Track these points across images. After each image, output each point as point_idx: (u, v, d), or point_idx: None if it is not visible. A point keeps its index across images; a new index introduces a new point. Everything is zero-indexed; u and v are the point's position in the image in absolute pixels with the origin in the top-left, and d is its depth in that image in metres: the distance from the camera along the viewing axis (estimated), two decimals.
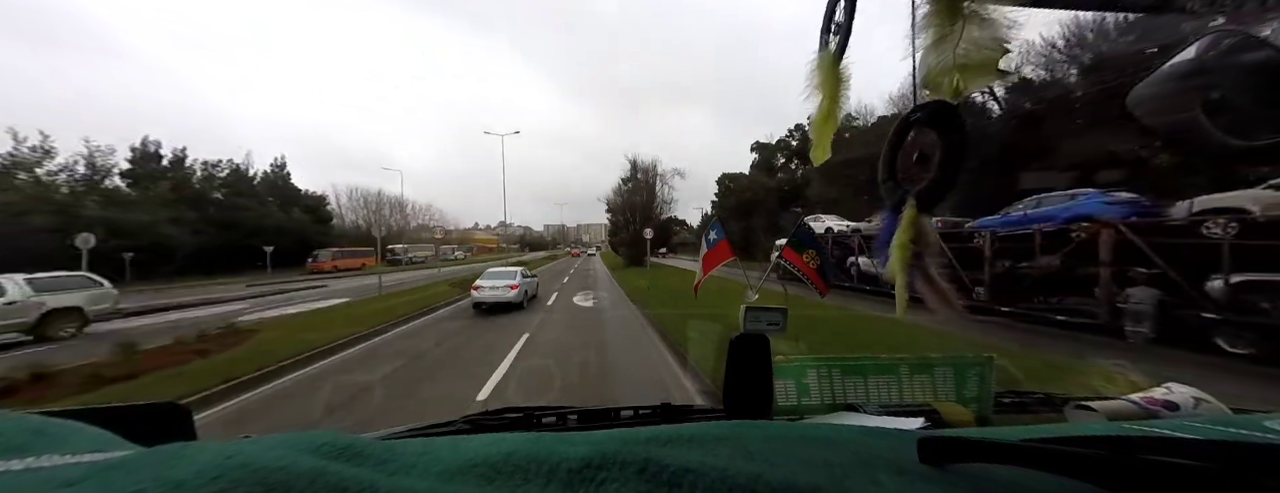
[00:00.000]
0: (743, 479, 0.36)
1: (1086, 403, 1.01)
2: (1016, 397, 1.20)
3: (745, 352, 0.85)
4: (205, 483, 0.30)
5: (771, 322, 1.36)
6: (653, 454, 0.39)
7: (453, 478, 0.38)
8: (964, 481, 0.43)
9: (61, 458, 0.37)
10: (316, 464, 0.33)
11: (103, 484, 0.31)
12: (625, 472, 0.38)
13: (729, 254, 2.69)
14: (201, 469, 0.31)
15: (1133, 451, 0.43)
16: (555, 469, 0.38)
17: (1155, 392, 1.02)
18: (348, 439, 0.41)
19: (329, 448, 0.39)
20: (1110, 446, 0.46)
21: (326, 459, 0.36)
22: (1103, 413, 0.96)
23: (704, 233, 2.92)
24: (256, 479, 0.30)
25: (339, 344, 7.92)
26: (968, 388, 1.11)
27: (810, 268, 2.23)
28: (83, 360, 6.34)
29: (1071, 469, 0.38)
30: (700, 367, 5.75)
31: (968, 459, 0.45)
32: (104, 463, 0.35)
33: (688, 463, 0.38)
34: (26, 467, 0.35)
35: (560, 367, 6.38)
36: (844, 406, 1.11)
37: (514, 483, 0.37)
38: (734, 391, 0.86)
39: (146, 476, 0.31)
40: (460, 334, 9.21)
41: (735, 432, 0.52)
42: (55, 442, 0.39)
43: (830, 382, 1.12)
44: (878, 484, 0.41)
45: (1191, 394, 0.99)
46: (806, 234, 2.33)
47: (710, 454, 0.43)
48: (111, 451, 0.39)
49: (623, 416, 1.12)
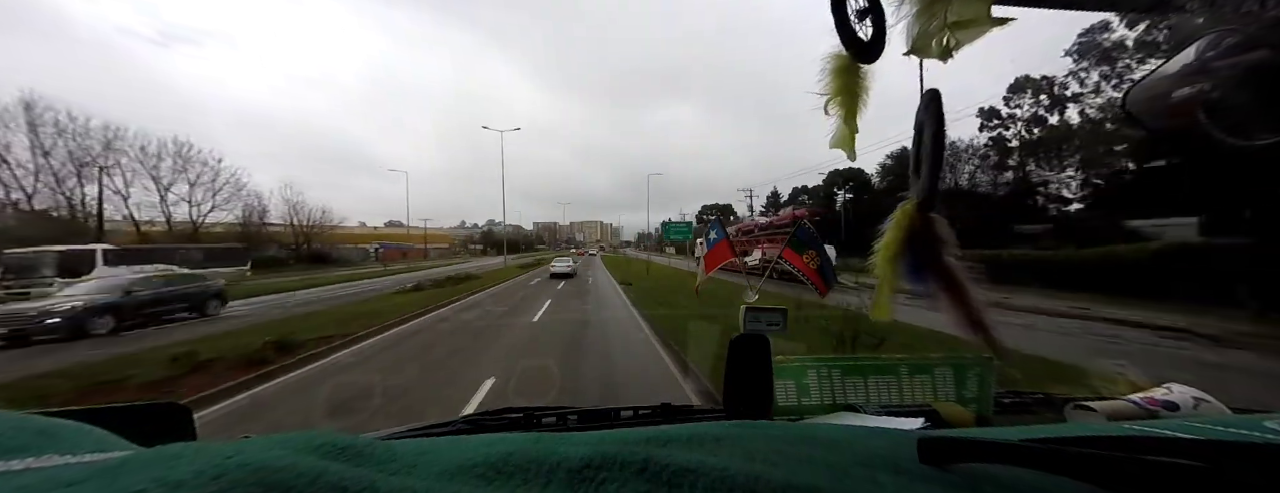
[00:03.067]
0: (743, 479, 0.36)
1: (1086, 403, 1.01)
2: (1016, 397, 1.20)
3: (745, 352, 0.85)
4: (205, 483, 0.30)
5: (771, 322, 1.36)
6: (653, 454, 0.39)
7: (452, 478, 0.38)
8: (964, 481, 0.43)
9: (62, 458, 0.37)
10: (316, 464, 0.33)
11: (103, 484, 0.31)
12: (625, 472, 0.38)
13: (729, 254, 2.69)
14: (201, 469, 0.31)
15: (1133, 451, 0.42)
16: (555, 469, 0.38)
17: (1155, 392, 1.02)
18: (348, 439, 0.41)
19: (329, 448, 0.39)
20: (1110, 446, 0.46)
21: (326, 459, 0.36)
22: (1103, 413, 0.96)
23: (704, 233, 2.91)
24: (256, 479, 0.30)
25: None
26: (967, 388, 1.11)
27: (810, 268, 2.23)
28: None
29: (1071, 469, 0.38)
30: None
31: (967, 459, 0.45)
32: (104, 463, 0.35)
33: (688, 463, 0.38)
34: (27, 467, 0.35)
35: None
36: (844, 406, 1.11)
37: (514, 483, 0.37)
38: (734, 391, 0.86)
39: (147, 476, 0.31)
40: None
41: (735, 432, 0.52)
42: (55, 442, 0.39)
43: (830, 382, 1.12)
44: (878, 484, 0.41)
45: (1191, 394, 0.99)
46: (806, 233, 2.33)
47: (710, 454, 0.43)
48: (112, 451, 0.39)
49: (623, 416, 1.12)
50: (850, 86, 0.70)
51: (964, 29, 0.55)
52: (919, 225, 0.65)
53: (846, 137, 0.75)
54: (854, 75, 0.70)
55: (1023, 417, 1.14)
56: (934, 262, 0.64)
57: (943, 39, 0.57)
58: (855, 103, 0.71)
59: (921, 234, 0.65)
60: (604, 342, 8.42)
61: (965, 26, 0.55)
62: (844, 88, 0.70)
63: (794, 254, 2.27)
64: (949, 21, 0.55)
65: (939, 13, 0.56)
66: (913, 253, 0.66)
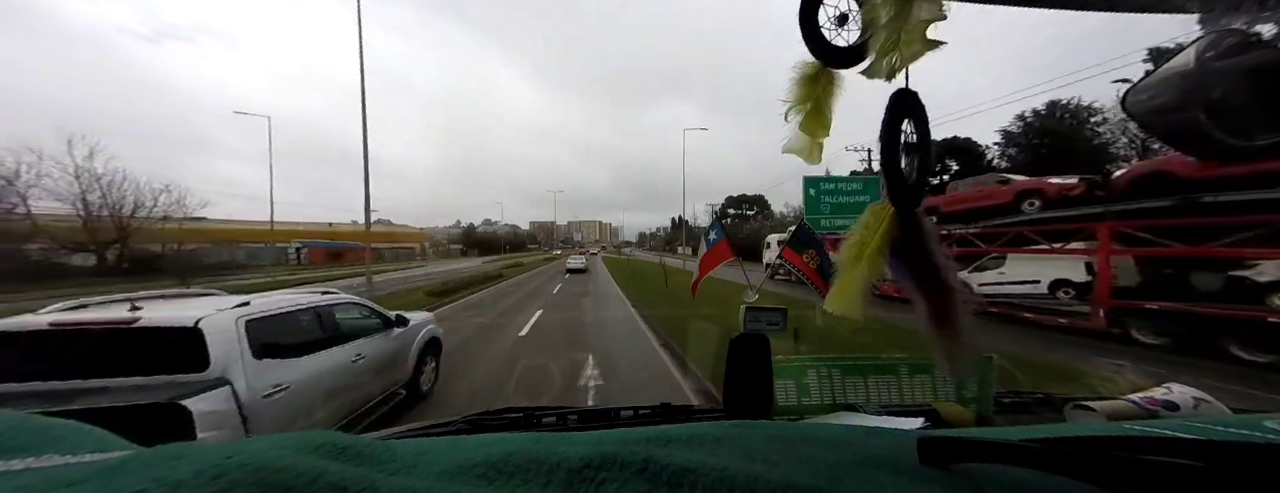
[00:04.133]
0: (743, 479, 0.36)
1: (1086, 403, 1.01)
2: (1016, 397, 1.20)
3: (745, 352, 0.85)
4: (205, 483, 0.30)
5: (771, 322, 1.36)
6: (653, 454, 0.39)
7: (453, 478, 0.38)
8: (964, 481, 0.43)
9: (62, 458, 0.37)
10: (316, 464, 0.33)
11: (103, 484, 0.31)
12: (625, 472, 0.38)
13: (729, 254, 2.69)
14: (201, 469, 0.31)
15: (1133, 451, 0.42)
16: (555, 469, 0.38)
17: (1155, 392, 1.03)
18: (348, 439, 0.41)
19: (329, 448, 0.39)
20: (1110, 446, 0.46)
21: (326, 459, 0.36)
22: (1103, 413, 0.96)
23: (704, 233, 2.92)
24: (256, 479, 0.30)
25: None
26: (968, 388, 1.12)
27: (810, 268, 2.23)
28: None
29: (1071, 469, 0.38)
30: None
31: (967, 459, 0.45)
32: (104, 463, 0.35)
33: (688, 463, 0.38)
34: (27, 467, 0.35)
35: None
36: (844, 406, 1.11)
37: (514, 483, 0.37)
38: (734, 391, 0.87)
39: (146, 476, 0.31)
40: None
41: (735, 432, 0.52)
42: (55, 442, 0.39)
43: (830, 382, 1.12)
44: (878, 484, 0.41)
45: (1191, 394, 0.99)
46: (806, 234, 2.33)
47: (710, 454, 0.43)
48: (112, 451, 0.39)
49: (623, 416, 1.12)
50: (817, 94, 0.72)
51: (905, 51, 0.61)
52: (899, 224, 0.65)
53: (806, 143, 0.75)
54: (823, 83, 0.71)
55: (1023, 417, 1.14)
56: (918, 258, 0.64)
57: (889, 60, 0.62)
58: (822, 111, 0.72)
59: (903, 233, 0.65)
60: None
61: (907, 50, 0.61)
62: (808, 95, 0.72)
63: (794, 254, 2.27)
64: (890, 43, 0.60)
65: (888, 42, 0.61)
66: (893, 252, 0.66)
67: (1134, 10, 0.57)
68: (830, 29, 0.69)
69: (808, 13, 0.67)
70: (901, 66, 0.61)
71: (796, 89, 0.71)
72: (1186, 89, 0.56)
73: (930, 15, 0.57)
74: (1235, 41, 0.52)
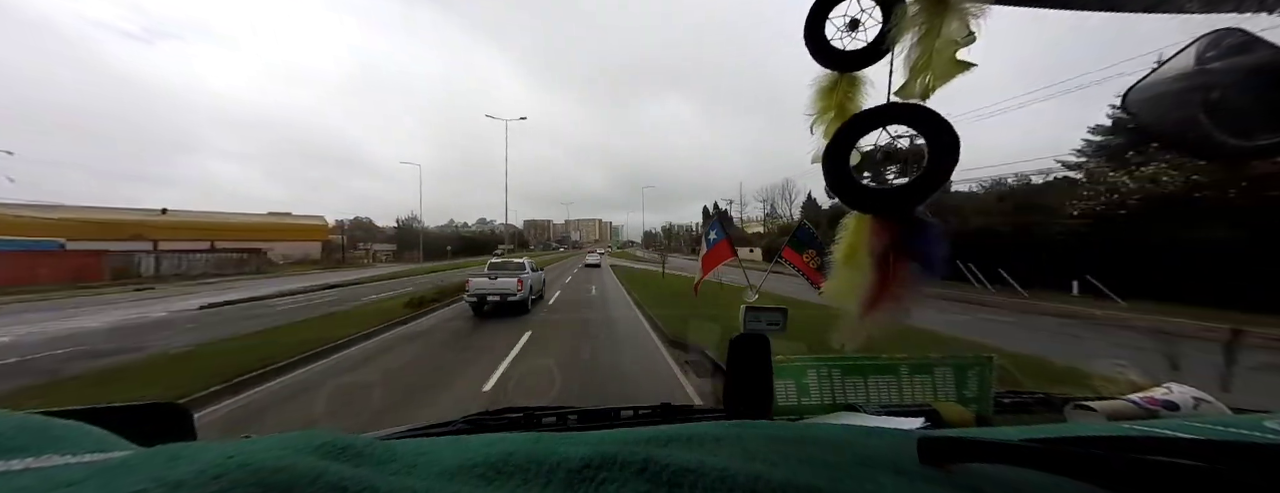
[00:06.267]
0: (743, 479, 0.36)
1: (1086, 403, 1.01)
2: (1016, 397, 1.20)
3: (745, 352, 0.85)
4: (205, 483, 0.30)
5: (771, 322, 1.36)
6: (653, 454, 0.39)
7: (453, 478, 0.38)
8: (964, 481, 0.43)
9: (62, 458, 0.37)
10: (316, 464, 0.33)
11: (103, 484, 0.31)
12: (625, 472, 0.38)
13: (729, 254, 2.69)
14: (201, 469, 0.31)
15: (1133, 451, 0.42)
16: (555, 469, 0.38)
17: (1155, 392, 1.02)
18: (348, 439, 0.41)
19: (329, 448, 0.39)
20: (1110, 446, 0.46)
21: (326, 459, 0.36)
22: (1103, 413, 0.96)
23: (704, 233, 2.92)
24: (256, 479, 0.30)
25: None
26: (968, 388, 1.11)
27: (810, 268, 2.24)
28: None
29: (1071, 469, 0.38)
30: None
31: (967, 459, 0.45)
32: (104, 463, 0.35)
33: (688, 463, 0.38)
34: (27, 467, 0.35)
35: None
36: (844, 406, 1.11)
37: (514, 483, 0.37)
38: (734, 391, 0.86)
39: (146, 476, 0.31)
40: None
41: (735, 432, 0.52)
42: (56, 442, 0.39)
43: (830, 382, 1.12)
44: (878, 484, 0.41)
45: (1191, 394, 0.99)
46: (806, 233, 2.33)
47: (710, 454, 0.43)
48: (112, 451, 0.39)
49: (623, 416, 1.12)
50: (838, 100, 0.72)
51: (938, 73, 0.62)
52: (872, 230, 0.67)
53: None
54: (842, 88, 0.72)
55: (1023, 417, 1.14)
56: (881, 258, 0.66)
57: (924, 80, 0.64)
58: (847, 116, 0.73)
59: (875, 237, 0.67)
60: None
61: (939, 71, 0.62)
62: (830, 105, 0.72)
63: (794, 254, 2.27)
64: (923, 64, 0.62)
65: (926, 52, 0.62)
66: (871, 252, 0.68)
67: (1134, 10, 0.57)
68: (840, 35, 0.69)
69: (813, 26, 0.67)
70: (935, 87, 0.61)
71: (818, 101, 0.72)
72: (1186, 89, 0.56)
73: (960, 34, 0.57)
74: (1235, 41, 0.52)
